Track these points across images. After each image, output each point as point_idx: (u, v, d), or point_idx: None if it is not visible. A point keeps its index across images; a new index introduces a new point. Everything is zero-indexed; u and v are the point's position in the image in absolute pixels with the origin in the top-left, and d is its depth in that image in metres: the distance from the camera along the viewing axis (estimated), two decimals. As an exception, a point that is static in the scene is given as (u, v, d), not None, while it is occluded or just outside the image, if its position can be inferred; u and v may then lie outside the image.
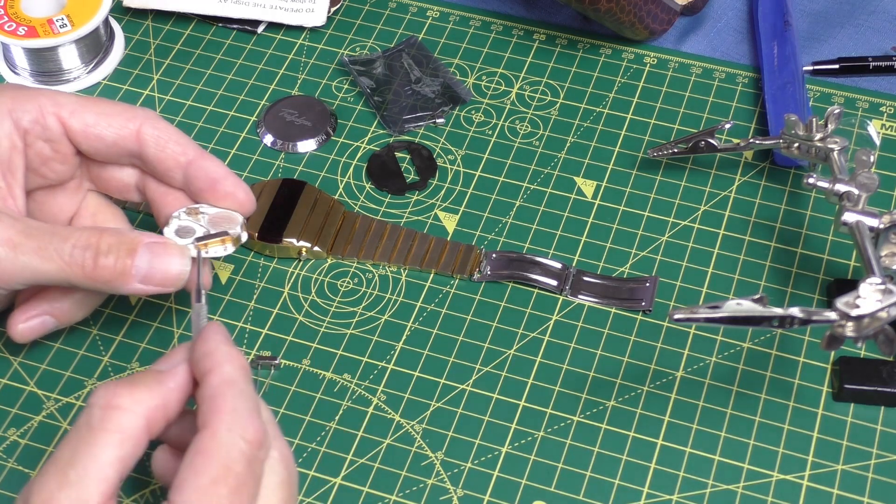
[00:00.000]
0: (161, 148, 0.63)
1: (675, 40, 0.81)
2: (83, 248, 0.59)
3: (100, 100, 0.64)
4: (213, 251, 0.62)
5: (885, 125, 0.76)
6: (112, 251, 0.59)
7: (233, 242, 0.62)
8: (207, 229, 0.62)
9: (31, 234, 0.59)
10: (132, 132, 0.63)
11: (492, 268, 0.69)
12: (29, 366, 0.66)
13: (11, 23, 0.76)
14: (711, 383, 0.65)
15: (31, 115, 0.62)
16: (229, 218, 0.63)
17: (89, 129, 0.63)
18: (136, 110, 0.63)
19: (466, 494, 0.61)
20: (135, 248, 0.59)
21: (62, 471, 0.49)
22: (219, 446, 0.50)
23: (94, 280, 0.59)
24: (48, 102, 0.63)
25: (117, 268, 0.59)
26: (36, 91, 0.63)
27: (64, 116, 0.63)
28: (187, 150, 0.63)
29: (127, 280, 0.59)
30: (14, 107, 0.62)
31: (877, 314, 0.58)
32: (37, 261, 0.59)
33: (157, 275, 0.60)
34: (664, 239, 0.71)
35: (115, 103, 0.64)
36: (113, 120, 0.63)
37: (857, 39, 0.81)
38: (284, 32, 0.82)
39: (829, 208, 0.72)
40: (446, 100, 0.77)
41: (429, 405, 0.64)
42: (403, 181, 0.73)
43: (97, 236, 0.59)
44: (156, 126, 0.63)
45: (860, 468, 0.62)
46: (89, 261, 0.59)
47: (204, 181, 0.63)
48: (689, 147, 0.72)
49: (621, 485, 0.61)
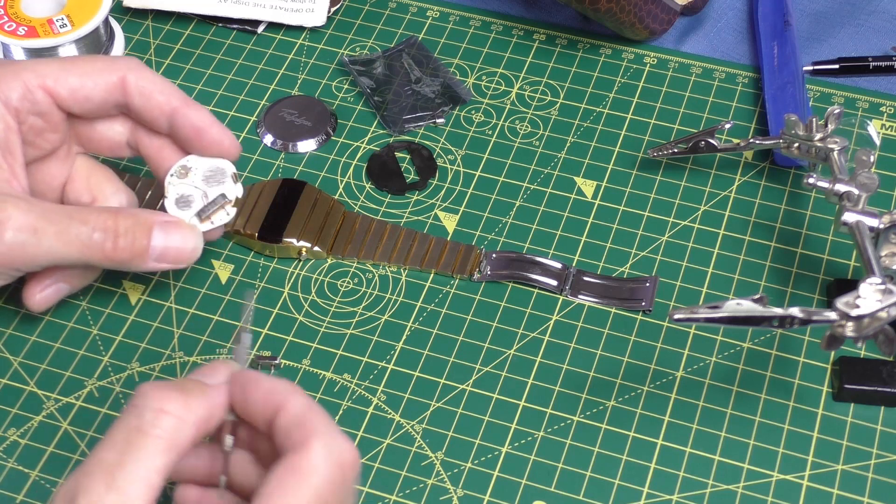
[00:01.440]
0: (146, 98, 0.64)
1: (675, 40, 0.81)
2: (102, 230, 0.61)
3: (80, 59, 0.64)
4: (217, 220, 0.64)
5: (885, 125, 0.76)
6: (129, 233, 0.61)
7: (232, 204, 0.65)
8: (203, 191, 0.64)
9: (51, 219, 0.60)
10: (116, 85, 0.64)
11: (492, 268, 0.69)
12: (29, 366, 0.66)
13: (11, 23, 0.76)
14: (711, 383, 0.65)
15: (18, 93, 0.62)
16: (220, 171, 0.65)
17: (76, 92, 0.63)
18: (118, 61, 0.64)
19: (466, 494, 0.61)
20: (150, 228, 0.62)
21: (109, 473, 0.48)
22: (309, 466, 0.49)
23: (112, 261, 0.62)
24: (31, 76, 0.63)
25: (135, 249, 0.62)
26: (17, 66, 0.63)
27: (49, 86, 0.63)
28: (171, 99, 0.64)
29: (144, 260, 0.62)
30: (0, 87, 0.62)
31: (877, 314, 0.58)
32: (58, 245, 0.60)
33: (172, 253, 0.63)
34: (664, 239, 0.71)
35: (95, 58, 0.64)
36: (97, 78, 0.63)
37: (857, 39, 0.81)
38: (284, 32, 0.82)
39: (829, 208, 0.72)
40: (446, 100, 0.77)
41: (429, 405, 0.64)
42: (403, 181, 0.73)
43: (114, 219, 0.61)
44: (140, 76, 0.64)
45: (860, 468, 0.62)
46: (109, 243, 0.61)
47: (189, 130, 0.64)
48: (689, 147, 0.72)
49: (621, 485, 0.61)
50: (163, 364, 0.66)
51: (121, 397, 0.64)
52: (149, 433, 0.49)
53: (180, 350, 0.66)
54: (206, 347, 0.66)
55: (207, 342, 0.67)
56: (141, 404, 0.50)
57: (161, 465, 0.49)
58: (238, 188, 0.65)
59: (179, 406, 0.50)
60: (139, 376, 0.65)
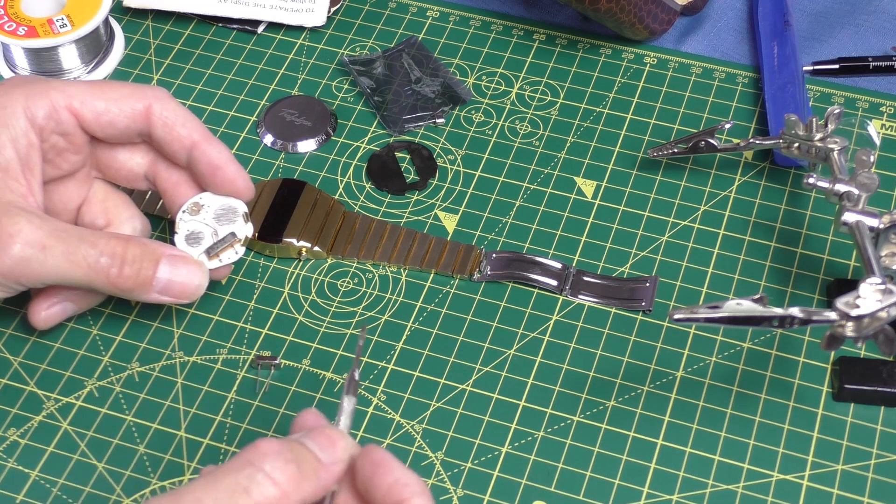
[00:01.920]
0: (168, 130, 0.64)
1: (675, 40, 0.81)
2: (110, 256, 0.61)
3: (108, 84, 0.65)
4: (225, 258, 0.64)
5: (885, 125, 0.76)
6: (136, 261, 0.62)
7: (242, 243, 0.65)
8: (214, 229, 0.64)
9: (61, 238, 0.60)
10: (141, 113, 0.64)
11: (492, 268, 0.69)
12: (29, 366, 0.66)
13: (11, 23, 0.76)
14: (711, 383, 0.65)
15: (44, 111, 0.63)
16: (232, 209, 0.65)
17: (101, 116, 0.64)
18: (145, 90, 0.64)
19: (466, 494, 0.61)
20: (157, 260, 0.62)
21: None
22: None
23: (116, 287, 0.62)
24: (59, 96, 0.63)
25: (140, 278, 0.62)
26: (46, 84, 0.64)
27: (75, 107, 0.63)
28: (192, 133, 0.64)
29: (147, 290, 0.62)
30: (28, 104, 0.62)
31: (877, 314, 0.58)
32: (65, 265, 0.61)
33: (176, 287, 0.63)
34: (664, 239, 0.71)
35: (124, 85, 0.65)
36: (123, 104, 0.64)
37: (857, 39, 0.81)
38: (284, 32, 0.82)
39: (829, 208, 0.72)
40: (446, 100, 0.77)
41: (429, 405, 0.64)
42: (403, 181, 0.73)
43: (123, 246, 0.62)
44: (165, 107, 0.64)
45: (860, 468, 0.62)
46: (115, 269, 0.61)
47: (206, 166, 0.64)
48: (689, 147, 0.72)
49: (621, 485, 0.61)
50: (163, 364, 0.66)
51: (121, 397, 0.65)
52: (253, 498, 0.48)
53: (180, 350, 0.66)
54: (206, 347, 0.66)
55: (207, 342, 0.67)
56: (256, 464, 0.49)
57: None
58: (248, 228, 0.65)
59: (291, 483, 0.49)
60: (139, 376, 0.65)
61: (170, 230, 0.70)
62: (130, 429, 0.63)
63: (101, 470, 0.62)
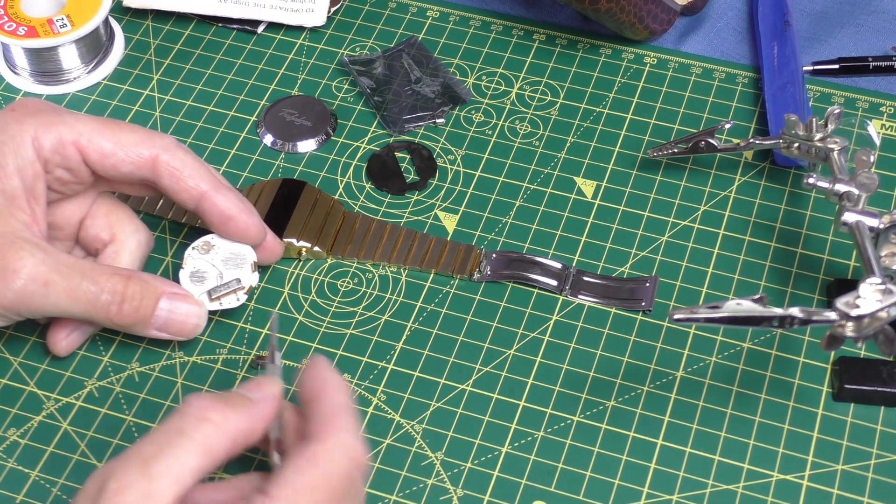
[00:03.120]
0: (175, 181, 0.64)
1: (675, 40, 0.81)
2: (111, 293, 0.62)
3: (118, 126, 0.64)
4: (226, 302, 0.65)
5: (885, 125, 0.76)
6: (136, 299, 0.62)
7: (245, 292, 0.65)
8: (220, 272, 0.65)
9: (63, 274, 0.61)
10: (148, 162, 0.64)
11: (492, 268, 0.69)
12: (29, 366, 0.66)
13: (11, 23, 0.76)
14: (711, 383, 0.65)
15: (51, 144, 0.63)
16: (241, 257, 0.65)
17: (106, 158, 0.64)
18: (154, 138, 0.64)
19: (466, 494, 0.61)
20: (157, 298, 0.63)
21: (145, 462, 0.50)
22: (326, 455, 0.52)
23: (114, 323, 0.63)
24: (67, 131, 0.63)
25: (139, 315, 0.63)
26: (56, 117, 0.63)
27: (82, 145, 0.63)
28: (200, 184, 0.64)
29: (146, 327, 0.63)
30: (37, 135, 0.63)
31: (877, 314, 0.58)
32: (66, 301, 0.61)
33: (175, 325, 0.64)
34: (664, 239, 0.71)
35: (134, 129, 0.64)
36: (129, 150, 0.63)
37: (857, 39, 0.81)
38: (284, 32, 0.82)
39: (829, 208, 0.72)
40: (446, 100, 0.77)
41: (429, 405, 0.64)
42: (403, 181, 0.73)
43: (124, 283, 0.62)
44: (172, 156, 0.64)
45: (860, 468, 0.62)
46: (114, 307, 0.62)
47: (216, 217, 0.65)
48: (689, 147, 0.72)
49: (621, 485, 0.61)
50: (163, 364, 0.66)
51: (120, 397, 0.65)
52: (189, 435, 0.52)
53: (180, 350, 0.66)
54: (205, 347, 0.66)
55: (207, 342, 0.67)
56: (186, 411, 0.53)
57: (195, 467, 0.51)
58: (254, 277, 0.65)
59: (221, 416, 0.53)
60: (139, 376, 0.65)
61: (170, 231, 0.70)
62: (130, 429, 0.63)
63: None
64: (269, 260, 0.68)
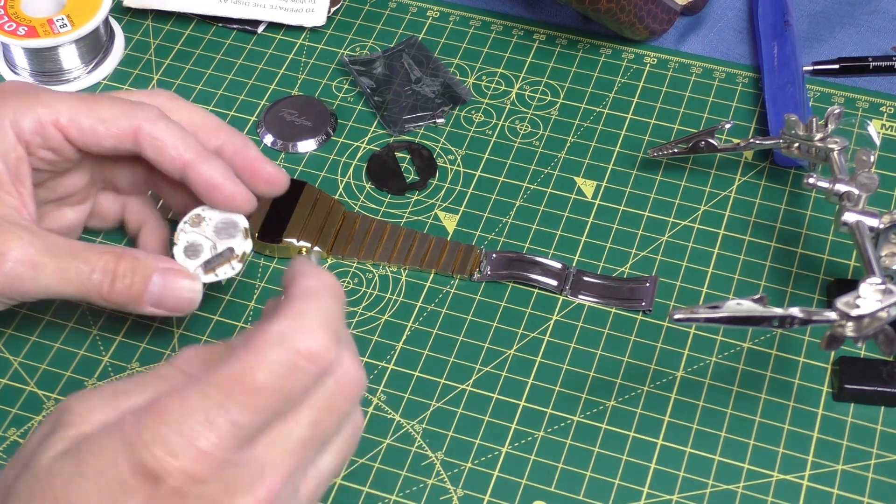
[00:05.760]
0: (158, 151, 0.63)
1: (675, 40, 0.81)
2: (102, 272, 0.61)
3: (98, 100, 0.63)
4: (221, 273, 0.63)
5: (885, 125, 0.76)
6: (127, 276, 0.61)
7: (239, 259, 0.63)
8: (213, 242, 0.63)
9: (53, 254, 0.60)
10: (129, 134, 0.63)
11: (492, 268, 0.69)
12: (29, 366, 0.66)
13: (11, 23, 0.76)
14: (711, 383, 0.65)
15: (30, 126, 0.62)
16: (233, 224, 0.64)
17: (86, 134, 0.63)
18: (136, 110, 0.63)
19: (466, 494, 0.61)
20: (149, 273, 0.62)
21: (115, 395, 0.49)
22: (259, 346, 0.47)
23: (109, 301, 0.62)
24: (46, 112, 0.62)
25: (132, 292, 0.61)
26: (34, 97, 0.63)
27: (62, 124, 0.62)
28: (184, 154, 0.62)
29: (140, 304, 0.62)
30: (15, 118, 0.62)
31: (877, 314, 0.58)
32: (57, 282, 0.60)
33: (169, 300, 0.62)
34: (664, 239, 0.71)
35: (114, 102, 0.63)
36: (110, 124, 0.63)
37: (857, 39, 0.81)
38: (284, 32, 0.82)
39: (829, 208, 0.72)
40: (446, 100, 0.77)
41: (429, 405, 0.64)
42: (403, 181, 0.73)
43: (115, 261, 0.61)
44: (155, 128, 0.63)
45: (860, 468, 0.62)
46: (106, 285, 0.61)
47: (202, 186, 0.63)
48: (689, 147, 0.72)
49: (621, 485, 0.61)
50: (163, 364, 0.66)
51: (121, 397, 0.65)
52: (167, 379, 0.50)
53: (180, 349, 0.66)
54: (206, 347, 0.66)
55: (207, 342, 0.67)
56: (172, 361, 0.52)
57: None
58: (248, 244, 0.64)
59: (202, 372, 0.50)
60: (139, 376, 0.65)
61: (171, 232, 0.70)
62: (130, 429, 0.63)
63: (101, 470, 0.62)
64: (272, 192, 0.65)
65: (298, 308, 0.49)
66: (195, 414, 0.46)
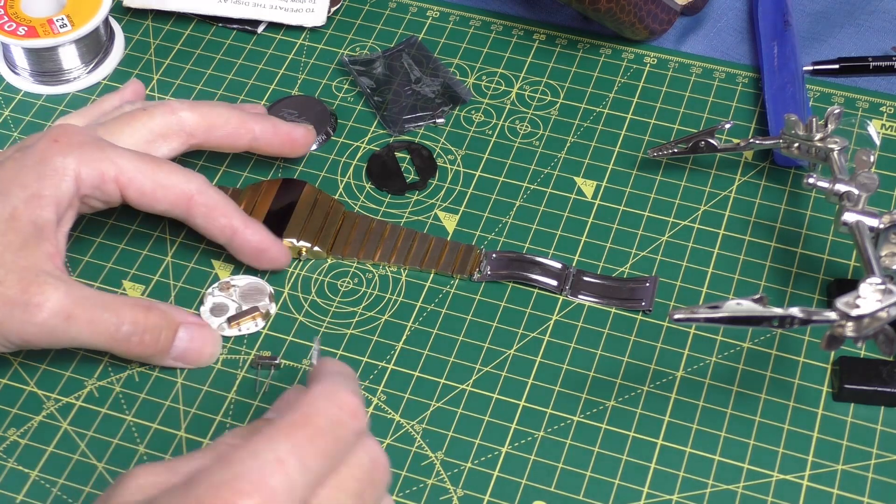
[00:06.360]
0: (209, 220, 0.66)
1: (675, 40, 0.81)
2: (131, 324, 0.62)
3: (158, 164, 0.65)
4: (244, 327, 0.66)
5: (885, 125, 0.76)
6: (156, 330, 0.63)
7: (262, 317, 0.67)
8: (239, 305, 0.67)
9: (85, 306, 0.61)
10: (182, 200, 0.65)
11: (492, 268, 0.69)
12: (29, 366, 0.66)
13: (11, 23, 0.76)
14: (711, 383, 0.65)
15: (92, 181, 0.64)
16: (258, 289, 0.67)
17: (144, 195, 0.65)
18: (190, 179, 0.66)
19: (466, 494, 0.61)
20: (176, 328, 0.64)
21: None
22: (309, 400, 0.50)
23: (134, 353, 0.63)
24: (110, 167, 0.64)
25: (158, 346, 0.64)
26: (100, 153, 0.64)
27: (123, 182, 0.65)
28: (233, 222, 0.66)
29: (164, 357, 0.64)
30: (79, 171, 0.64)
31: (877, 314, 0.58)
32: (87, 333, 0.62)
33: (192, 355, 0.65)
34: (664, 239, 0.71)
35: (172, 169, 0.66)
36: (168, 191, 0.65)
37: (857, 39, 0.81)
38: (284, 32, 0.82)
39: (829, 208, 0.72)
40: (446, 100, 0.77)
41: (429, 405, 0.64)
42: (403, 181, 0.73)
43: (144, 314, 0.63)
44: (206, 196, 0.66)
45: (860, 468, 0.62)
46: (136, 337, 0.63)
47: (249, 251, 0.67)
48: (689, 147, 0.72)
49: (621, 485, 0.61)
50: (163, 364, 0.66)
51: (121, 397, 0.65)
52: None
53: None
54: (206, 347, 0.66)
55: (207, 342, 0.67)
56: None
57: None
58: (272, 307, 0.67)
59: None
60: (139, 376, 0.65)
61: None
62: (130, 429, 0.63)
63: (101, 470, 0.62)
64: (306, 151, 0.73)
65: (330, 380, 0.51)
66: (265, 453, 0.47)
